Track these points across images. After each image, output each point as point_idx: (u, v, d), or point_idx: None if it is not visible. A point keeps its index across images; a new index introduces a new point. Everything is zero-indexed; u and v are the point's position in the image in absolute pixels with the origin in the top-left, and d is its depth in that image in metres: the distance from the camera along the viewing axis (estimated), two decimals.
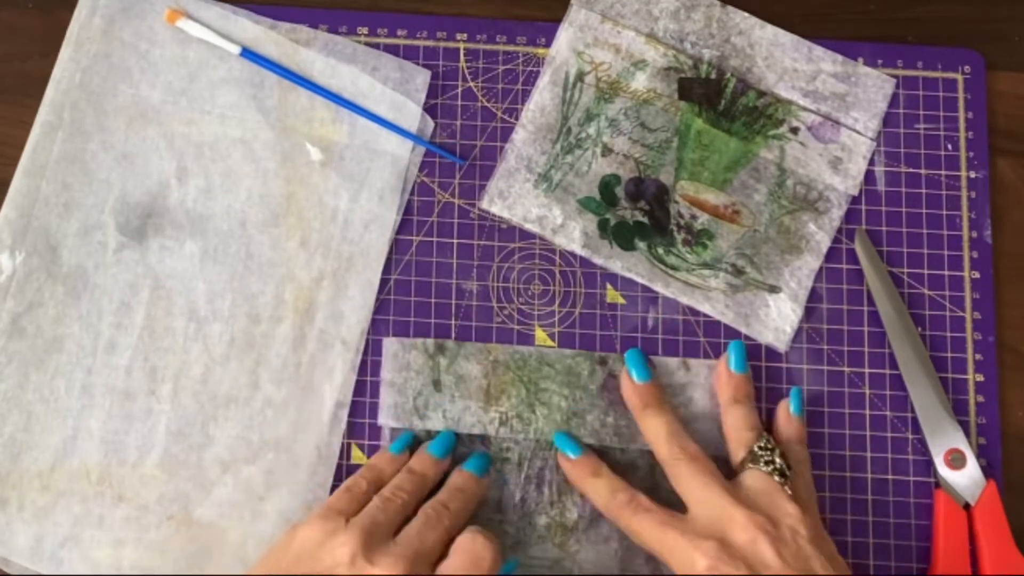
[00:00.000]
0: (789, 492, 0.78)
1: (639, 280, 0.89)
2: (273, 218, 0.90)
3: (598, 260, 0.89)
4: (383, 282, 0.89)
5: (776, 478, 0.78)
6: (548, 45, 0.93)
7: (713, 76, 0.92)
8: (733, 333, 0.88)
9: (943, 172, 0.91)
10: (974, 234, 0.89)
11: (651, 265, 0.89)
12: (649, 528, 0.77)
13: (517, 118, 0.92)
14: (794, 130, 0.91)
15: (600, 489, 0.81)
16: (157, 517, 0.85)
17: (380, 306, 0.89)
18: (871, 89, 0.92)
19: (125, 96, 0.91)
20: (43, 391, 0.87)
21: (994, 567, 0.82)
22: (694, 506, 0.78)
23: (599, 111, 0.91)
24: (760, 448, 0.80)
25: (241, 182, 0.90)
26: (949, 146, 0.91)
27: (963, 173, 0.90)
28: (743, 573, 0.72)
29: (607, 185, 0.90)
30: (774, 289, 0.89)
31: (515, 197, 0.90)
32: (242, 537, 0.85)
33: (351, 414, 0.88)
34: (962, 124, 0.91)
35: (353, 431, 0.88)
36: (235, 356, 0.88)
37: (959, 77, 0.92)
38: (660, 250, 0.89)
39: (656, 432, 0.82)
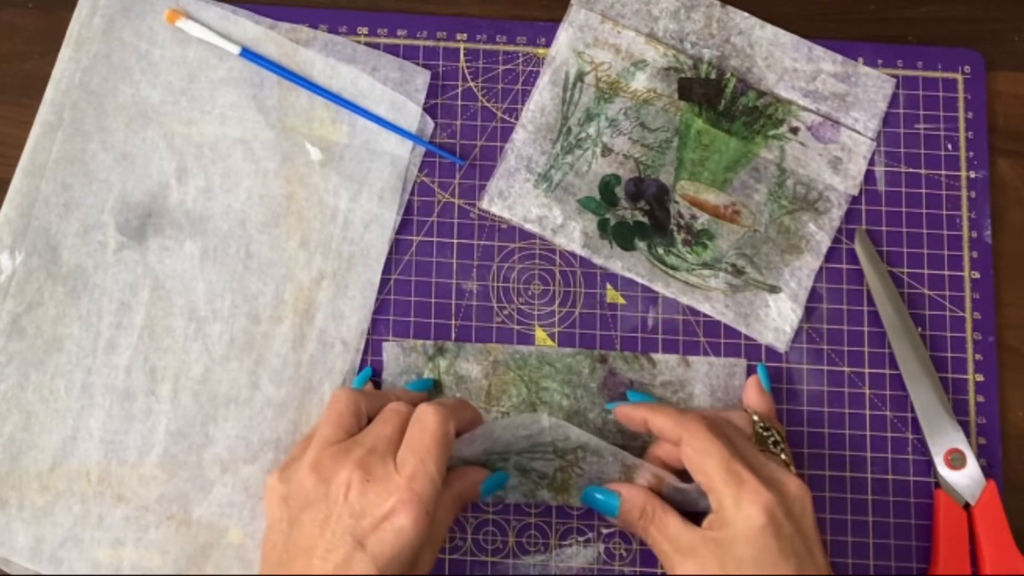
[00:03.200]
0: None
1: (639, 280, 0.90)
2: (273, 218, 0.91)
3: (598, 260, 0.90)
4: (383, 282, 0.90)
5: (784, 456, 0.81)
6: (548, 45, 0.94)
7: (713, 76, 0.93)
8: (733, 333, 0.89)
9: (943, 172, 0.92)
10: (974, 234, 0.91)
11: (651, 265, 0.90)
12: (719, 452, 0.76)
13: (517, 118, 0.93)
14: (794, 130, 0.92)
15: (669, 411, 0.81)
16: (157, 517, 0.86)
17: (380, 306, 0.90)
18: (871, 89, 0.93)
19: (125, 96, 0.93)
20: (43, 391, 0.88)
21: (994, 567, 0.83)
22: (749, 462, 0.78)
23: (599, 111, 0.93)
24: (763, 429, 0.82)
25: (241, 182, 0.91)
26: (949, 146, 0.92)
27: (963, 173, 0.92)
28: (791, 529, 0.73)
29: (607, 185, 0.92)
30: (774, 289, 0.90)
31: (515, 197, 0.91)
32: (241, 537, 0.86)
33: None
34: (962, 124, 0.92)
35: None
36: (235, 356, 0.89)
37: (959, 77, 0.93)
38: (660, 250, 0.90)
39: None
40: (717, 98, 0.93)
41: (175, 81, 0.93)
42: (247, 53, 0.93)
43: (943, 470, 0.86)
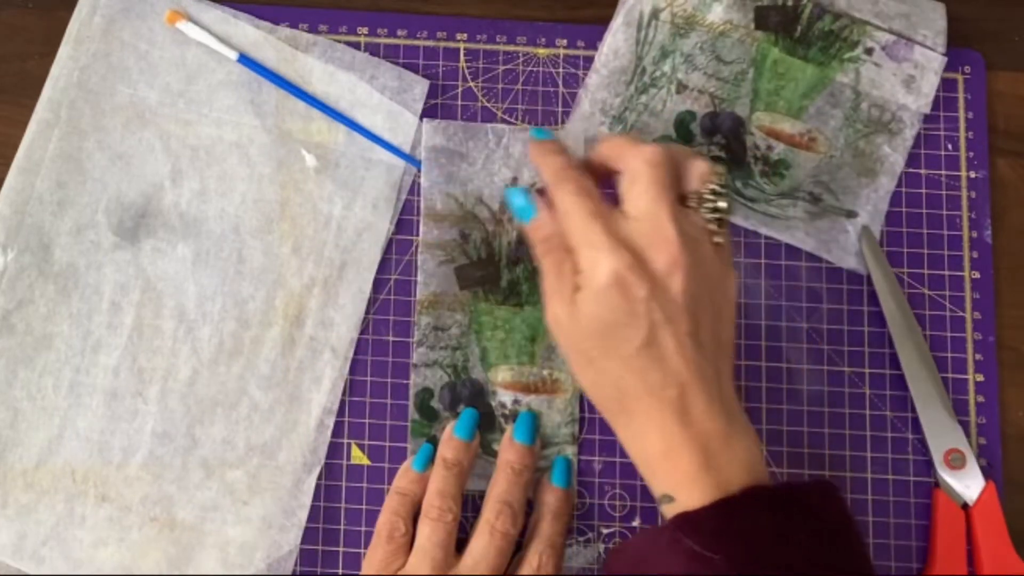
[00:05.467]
0: (719, 241, 0.78)
1: None
2: (266, 223, 0.93)
3: None
4: (383, 282, 0.92)
5: (713, 225, 0.79)
6: (548, 45, 0.96)
7: (790, 2, 0.95)
8: (737, 325, 0.85)
9: (943, 172, 0.93)
10: (974, 234, 0.92)
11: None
12: (578, 212, 0.77)
13: (517, 118, 0.95)
14: (869, 51, 0.94)
15: (553, 162, 0.81)
16: (140, 518, 0.88)
17: (380, 306, 0.92)
18: (927, 8, 0.95)
19: (123, 96, 0.94)
20: (31, 389, 0.89)
21: (992, 567, 0.85)
22: (634, 212, 0.77)
23: (674, 47, 0.95)
24: (710, 192, 0.79)
25: (236, 186, 0.93)
26: (949, 146, 0.94)
27: (963, 173, 0.93)
28: (644, 293, 0.73)
29: (682, 122, 0.94)
30: (851, 214, 0.92)
31: (590, 142, 0.93)
32: (224, 540, 0.88)
33: (351, 414, 0.91)
34: (962, 124, 0.94)
35: (353, 431, 0.91)
36: (223, 360, 0.91)
37: (959, 77, 0.95)
38: (738, 183, 0.93)
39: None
40: (793, 25, 0.95)
41: (173, 83, 0.95)
42: (244, 59, 0.94)
43: (942, 470, 0.87)
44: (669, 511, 0.75)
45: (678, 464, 0.74)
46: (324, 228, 0.93)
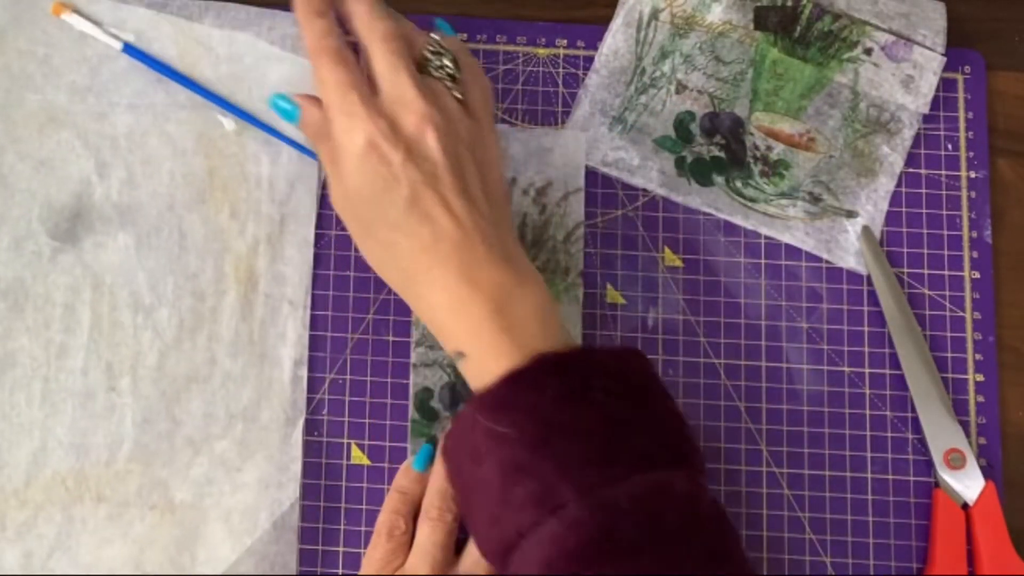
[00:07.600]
0: (458, 96, 0.82)
1: (719, 215, 0.95)
2: (199, 195, 0.95)
3: (677, 198, 0.94)
4: (383, 282, 0.88)
5: (447, 82, 0.82)
6: (548, 45, 0.98)
7: (789, 3, 0.96)
8: (734, 332, 0.94)
9: (943, 172, 0.96)
10: (974, 234, 0.95)
11: (730, 199, 0.95)
12: (334, 82, 0.80)
13: (517, 118, 0.96)
14: (868, 51, 0.95)
15: (316, 26, 0.82)
16: (139, 510, 0.91)
17: (380, 306, 0.93)
18: (927, 7, 0.96)
19: (32, 103, 0.96)
20: (4, 408, 0.92)
21: (991, 567, 0.87)
22: (382, 86, 0.80)
23: (673, 48, 0.96)
24: (431, 53, 0.83)
25: (162, 166, 0.96)
26: (949, 146, 0.96)
27: (963, 173, 0.96)
28: (400, 157, 0.78)
29: (682, 122, 0.96)
30: (851, 214, 0.94)
31: (591, 142, 0.95)
32: (226, 511, 0.91)
33: (351, 414, 0.93)
34: (962, 124, 0.96)
35: (353, 431, 0.93)
36: (187, 337, 0.93)
37: (959, 77, 0.97)
38: (738, 183, 0.95)
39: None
40: (793, 25, 0.96)
41: (79, 80, 0.97)
42: (129, 48, 0.97)
43: (942, 470, 0.90)
44: (466, 369, 0.79)
45: (467, 316, 0.78)
46: (256, 187, 0.96)
